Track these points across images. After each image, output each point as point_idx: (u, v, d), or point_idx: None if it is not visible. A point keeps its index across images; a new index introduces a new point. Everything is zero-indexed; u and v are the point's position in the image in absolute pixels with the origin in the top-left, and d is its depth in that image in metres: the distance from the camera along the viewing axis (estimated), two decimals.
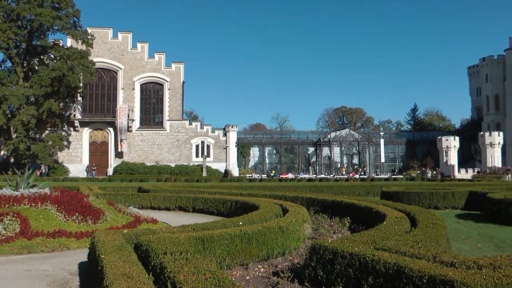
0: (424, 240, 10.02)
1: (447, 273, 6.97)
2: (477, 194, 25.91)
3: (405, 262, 7.60)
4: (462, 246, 14.65)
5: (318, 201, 21.47)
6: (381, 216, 14.36)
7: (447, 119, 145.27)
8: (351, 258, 8.45)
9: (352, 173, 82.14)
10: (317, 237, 14.91)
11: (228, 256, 10.70)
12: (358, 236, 10.20)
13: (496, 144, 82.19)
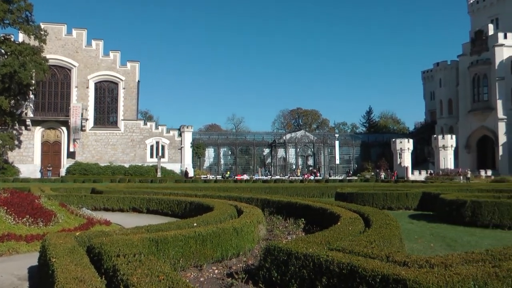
0: (377, 240, 10.12)
1: (400, 272, 7.07)
2: (430, 195, 26.39)
3: (358, 262, 7.66)
4: (415, 245, 14.87)
5: (273, 202, 21.50)
6: (335, 217, 14.43)
7: (401, 122, 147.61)
8: (305, 259, 8.47)
9: (307, 175, 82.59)
10: (272, 238, 14.92)
11: (182, 257, 10.60)
12: (313, 237, 10.23)
13: (449, 146, 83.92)
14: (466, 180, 66.92)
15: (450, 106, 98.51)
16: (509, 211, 19.14)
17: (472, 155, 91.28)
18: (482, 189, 31.86)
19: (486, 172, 80.00)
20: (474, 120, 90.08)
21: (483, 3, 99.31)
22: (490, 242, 15.81)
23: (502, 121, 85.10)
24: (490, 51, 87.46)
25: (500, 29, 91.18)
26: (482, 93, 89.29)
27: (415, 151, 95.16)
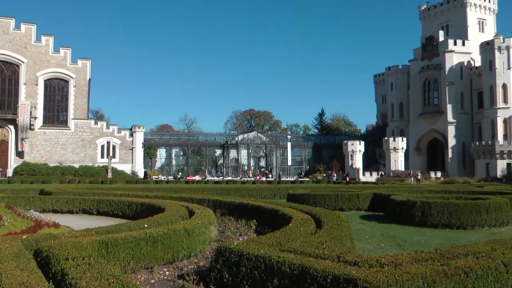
0: (329, 241, 10.16)
1: (351, 272, 7.11)
2: (381, 196, 26.76)
3: (310, 263, 7.67)
4: (365, 245, 15.01)
5: (225, 204, 21.45)
6: (287, 218, 14.46)
7: (353, 124, 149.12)
8: (256, 260, 8.44)
9: (259, 176, 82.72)
10: (223, 240, 14.87)
11: (133, 259, 10.45)
12: (264, 238, 10.21)
13: (399, 149, 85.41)
14: (416, 182, 68.18)
15: (401, 109, 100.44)
16: (458, 212, 19.58)
17: (422, 157, 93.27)
18: (432, 190, 32.59)
19: (436, 173, 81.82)
20: (425, 123, 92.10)
21: (434, 10, 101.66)
22: (439, 241, 16.10)
23: (451, 125, 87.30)
24: (440, 57, 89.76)
25: (450, 35, 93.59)
26: (433, 97, 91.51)
27: (367, 153, 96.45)
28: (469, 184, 55.28)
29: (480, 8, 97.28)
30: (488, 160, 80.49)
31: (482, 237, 15.88)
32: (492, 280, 7.81)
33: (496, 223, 20.05)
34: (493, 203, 20.29)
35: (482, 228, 19.57)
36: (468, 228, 19.45)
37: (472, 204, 20.01)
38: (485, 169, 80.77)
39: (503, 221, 20.35)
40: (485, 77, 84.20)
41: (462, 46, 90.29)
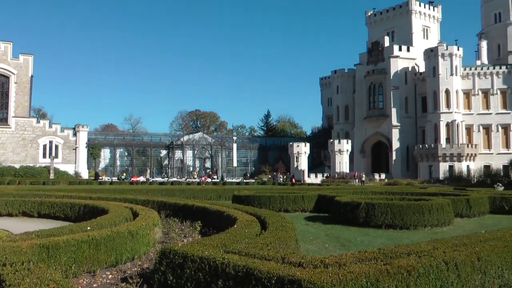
0: (273, 242, 10.15)
1: (295, 273, 7.11)
2: (326, 197, 27.08)
3: (254, 264, 7.63)
4: (310, 246, 15.10)
5: (170, 205, 21.29)
6: (232, 220, 14.42)
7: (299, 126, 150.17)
8: (201, 262, 8.36)
9: (204, 177, 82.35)
10: (168, 241, 14.73)
11: (75, 263, 10.19)
12: (209, 240, 10.13)
13: (344, 151, 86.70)
14: (361, 183, 69.10)
15: (346, 112, 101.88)
16: (401, 212, 19.98)
17: (367, 159, 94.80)
18: (376, 191, 33.13)
19: (380, 175, 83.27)
20: (369, 126, 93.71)
21: (380, 16, 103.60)
22: (383, 241, 16.37)
23: (395, 128, 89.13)
24: (385, 62, 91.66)
25: (396, 41, 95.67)
26: (378, 101, 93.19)
27: (312, 154, 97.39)
28: (413, 186, 56.51)
29: (425, 16, 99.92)
30: (431, 163, 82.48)
31: (425, 237, 16.20)
32: (433, 278, 7.98)
33: (438, 223, 20.57)
34: (436, 204, 20.78)
35: (424, 228, 20.02)
36: (411, 228, 19.86)
37: (415, 205, 20.45)
38: (428, 171, 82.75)
39: (444, 221, 20.92)
40: (429, 82, 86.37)
41: (407, 52, 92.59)
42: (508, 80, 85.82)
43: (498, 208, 28.32)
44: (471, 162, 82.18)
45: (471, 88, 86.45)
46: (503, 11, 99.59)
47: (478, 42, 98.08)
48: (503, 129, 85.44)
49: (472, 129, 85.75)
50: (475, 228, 19.77)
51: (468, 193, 30.31)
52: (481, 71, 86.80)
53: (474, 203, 25.87)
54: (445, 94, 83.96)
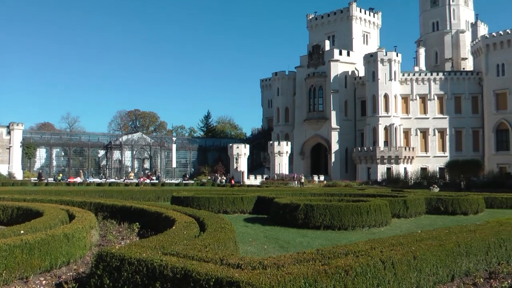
0: (212, 244, 10.12)
1: (234, 274, 7.10)
2: (265, 199, 27.19)
3: (192, 266, 7.57)
4: (249, 248, 15.10)
5: (107, 207, 20.91)
6: (170, 221, 14.31)
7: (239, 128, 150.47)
8: (138, 264, 8.23)
9: (143, 178, 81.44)
10: (105, 244, 14.46)
11: (6, 269, 9.79)
12: (147, 242, 9.98)
13: (284, 153, 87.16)
14: (300, 185, 69.52)
15: (286, 114, 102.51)
16: (339, 213, 20.24)
17: (306, 161, 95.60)
18: (315, 193, 33.47)
19: (319, 177, 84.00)
20: (309, 129, 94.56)
21: (321, 20, 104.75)
22: (321, 242, 16.53)
23: (335, 131, 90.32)
24: (326, 65, 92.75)
25: (336, 45, 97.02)
26: (318, 103, 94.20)
27: (252, 156, 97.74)
28: (351, 188, 57.37)
29: (365, 22, 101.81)
30: (369, 165, 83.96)
31: (362, 237, 16.44)
32: (370, 277, 8.13)
33: (376, 224, 20.93)
34: (373, 205, 21.13)
35: (362, 229, 20.32)
36: (349, 228, 20.14)
37: (353, 206, 20.74)
38: (367, 173, 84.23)
39: (382, 222, 21.30)
40: (368, 86, 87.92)
41: (347, 56, 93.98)
42: (444, 86, 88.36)
43: (434, 209, 29.16)
44: (409, 164, 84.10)
45: (409, 93, 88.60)
46: (440, 20, 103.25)
47: (417, 49, 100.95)
48: (439, 133, 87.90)
49: (410, 132, 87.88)
50: (412, 228, 20.22)
51: (405, 195, 31.01)
52: (419, 77, 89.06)
53: (411, 204, 26.46)
54: (384, 99, 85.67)
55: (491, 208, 33.54)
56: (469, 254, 11.40)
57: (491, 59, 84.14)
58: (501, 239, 12.92)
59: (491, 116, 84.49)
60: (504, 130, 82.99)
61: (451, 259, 10.67)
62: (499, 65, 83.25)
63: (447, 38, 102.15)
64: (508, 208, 33.48)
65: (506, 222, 15.35)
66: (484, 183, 66.82)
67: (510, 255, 13.17)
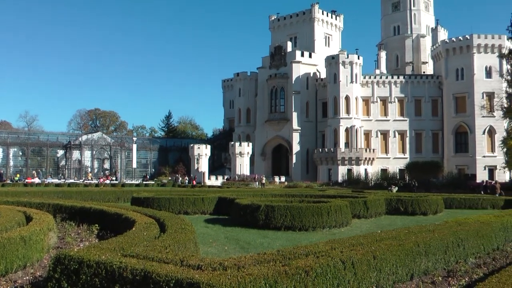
0: (172, 245, 10.06)
1: (194, 275, 7.06)
2: (226, 200, 27.20)
3: (152, 268, 7.50)
4: (209, 249, 15.06)
5: (66, 208, 20.57)
6: (130, 222, 14.16)
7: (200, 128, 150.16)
8: (97, 267, 8.09)
9: (103, 178, 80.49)
10: (63, 247, 14.24)
11: None
12: (106, 244, 9.83)
13: (245, 153, 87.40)
14: (261, 186, 69.78)
15: (248, 115, 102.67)
16: (300, 214, 20.30)
17: (267, 162, 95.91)
18: (276, 194, 33.55)
19: (280, 178, 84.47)
20: (271, 130, 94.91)
21: (284, 22, 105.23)
22: (282, 243, 16.57)
23: (296, 132, 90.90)
24: (288, 67, 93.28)
25: (298, 47, 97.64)
26: (279, 104, 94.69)
27: (213, 157, 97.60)
28: (312, 188, 57.75)
29: (327, 24, 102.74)
30: (330, 166, 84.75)
31: (323, 238, 16.51)
32: (331, 277, 8.20)
33: (337, 224, 21.09)
34: (334, 206, 21.28)
35: (323, 229, 20.44)
36: (310, 229, 20.21)
37: (314, 207, 20.84)
38: (327, 174, 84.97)
39: (342, 222, 21.48)
40: (329, 88, 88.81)
41: (309, 58, 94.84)
42: (405, 89, 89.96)
43: (394, 209, 29.54)
44: (369, 165, 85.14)
45: (370, 96, 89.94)
46: (402, 24, 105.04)
47: (378, 52, 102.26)
48: (399, 135, 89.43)
49: (371, 134, 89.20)
50: (372, 228, 20.40)
51: (366, 195, 31.29)
52: (380, 80, 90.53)
53: (371, 204, 26.75)
54: (345, 101, 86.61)
55: (450, 208, 34.19)
56: (428, 253, 11.58)
57: (450, 64, 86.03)
58: (459, 238, 13.19)
59: (450, 119, 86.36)
60: (463, 133, 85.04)
61: (410, 259, 10.82)
62: (458, 69, 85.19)
63: (408, 42, 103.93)
64: (466, 208, 34.14)
65: (464, 222, 15.63)
66: (443, 184, 68.05)
67: (468, 254, 13.46)
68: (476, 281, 10.36)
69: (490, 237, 15.01)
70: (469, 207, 34.54)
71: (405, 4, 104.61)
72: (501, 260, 13.53)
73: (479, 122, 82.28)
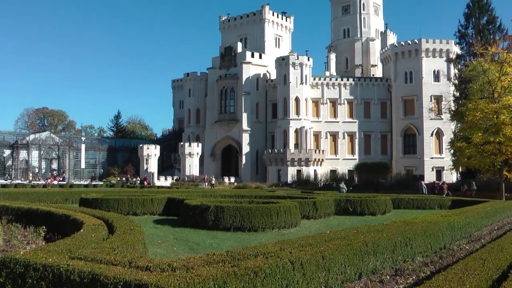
0: (121, 247, 9.99)
1: (142, 277, 7.04)
2: (175, 201, 27.08)
3: (100, 270, 7.44)
4: (158, 250, 14.98)
5: (12, 209, 20.11)
6: (78, 224, 13.97)
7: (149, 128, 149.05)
8: (44, 270, 7.97)
9: (50, 179, 79.03)
10: (9, 250, 13.90)
11: None
12: (53, 246, 9.68)
13: (195, 154, 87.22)
14: (211, 186, 69.66)
15: (198, 115, 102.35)
16: (249, 215, 20.35)
17: (217, 163, 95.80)
18: (225, 195, 33.53)
19: (229, 179, 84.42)
20: (220, 130, 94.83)
21: (234, 22, 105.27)
22: (231, 243, 16.60)
23: (246, 133, 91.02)
24: (238, 67, 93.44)
25: (248, 48, 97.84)
26: (229, 105, 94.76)
27: (162, 157, 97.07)
28: (262, 189, 57.89)
29: (278, 25, 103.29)
30: (280, 167, 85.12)
31: (272, 238, 16.61)
32: (280, 277, 8.27)
33: (286, 225, 21.19)
34: (283, 207, 21.38)
35: (272, 230, 20.51)
36: (259, 230, 20.27)
37: (264, 207, 20.90)
38: (277, 175, 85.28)
39: (292, 223, 21.59)
40: (279, 89, 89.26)
41: (259, 59, 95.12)
42: (354, 92, 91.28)
43: (343, 210, 29.78)
44: (319, 166, 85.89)
45: (320, 97, 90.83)
46: (351, 27, 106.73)
47: (328, 54, 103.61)
48: (349, 136, 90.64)
49: (320, 135, 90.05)
50: (321, 229, 20.57)
51: (315, 196, 31.52)
52: (330, 82, 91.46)
53: (320, 205, 26.94)
54: (295, 102, 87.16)
55: (398, 208, 34.65)
56: (376, 252, 11.76)
57: (399, 67, 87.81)
58: (407, 238, 13.43)
59: (399, 121, 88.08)
60: (411, 135, 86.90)
61: (358, 258, 10.96)
62: (407, 72, 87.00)
63: (358, 45, 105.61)
64: (414, 209, 34.66)
65: (412, 222, 15.93)
66: (391, 184, 69.09)
67: (416, 253, 13.73)
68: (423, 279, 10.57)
69: (437, 237, 15.35)
70: (417, 207, 35.04)
71: (355, 8, 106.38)
72: (447, 259, 13.81)
73: (427, 125, 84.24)
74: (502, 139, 41.96)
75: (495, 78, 44.49)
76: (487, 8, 66.76)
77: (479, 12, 66.48)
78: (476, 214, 21.08)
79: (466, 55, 67.29)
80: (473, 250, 14.59)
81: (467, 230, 18.67)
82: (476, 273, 8.96)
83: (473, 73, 46.94)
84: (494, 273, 9.33)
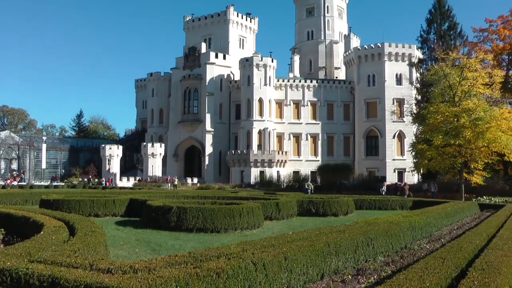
0: (82, 249, 9.87)
1: (104, 279, 6.99)
2: (138, 202, 26.90)
3: (60, 273, 7.34)
4: (120, 252, 14.84)
5: None
6: (38, 226, 13.76)
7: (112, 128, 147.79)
8: (2, 274, 7.83)
9: (9, 180, 77.66)
10: None
11: None
12: (12, 249, 9.51)
13: (157, 154, 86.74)
14: (173, 187, 69.35)
15: (161, 115, 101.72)
16: (212, 216, 20.35)
17: (180, 163, 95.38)
18: (188, 195, 33.48)
19: (192, 179, 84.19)
20: (184, 131, 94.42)
21: (198, 23, 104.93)
22: (194, 244, 16.57)
23: (209, 133, 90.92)
24: (202, 68, 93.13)
25: (213, 48, 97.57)
26: (193, 105, 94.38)
27: (125, 158, 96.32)
28: (225, 190, 57.76)
29: (242, 26, 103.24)
30: (243, 168, 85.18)
31: (235, 239, 16.64)
32: (242, 278, 8.29)
33: (249, 226, 21.23)
34: (246, 208, 21.41)
35: (235, 231, 20.53)
36: (222, 231, 20.29)
37: (226, 208, 20.92)
38: (240, 176, 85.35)
39: (255, 224, 21.63)
40: (243, 90, 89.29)
41: (223, 59, 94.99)
42: (318, 93, 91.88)
43: (305, 211, 29.86)
44: (282, 168, 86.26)
45: (284, 99, 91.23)
46: (315, 30, 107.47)
47: (292, 56, 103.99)
48: (312, 138, 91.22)
49: (283, 137, 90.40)
50: (284, 230, 20.64)
51: (278, 197, 31.65)
52: (294, 83, 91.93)
53: (283, 206, 27.00)
54: (259, 103, 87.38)
55: (361, 209, 34.94)
56: (338, 253, 11.87)
57: (362, 70, 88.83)
58: (369, 238, 13.62)
59: (361, 123, 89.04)
60: (373, 137, 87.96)
61: (321, 259, 11.05)
62: (370, 75, 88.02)
63: (321, 47, 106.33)
64: (376, 209, 35.00)
65: (374, 222, 16.13)
66: (354, 185, 69.87)
67: (377, 252, 13.93)
68: (384, 279, 10.71)
69: (399, 236, 15.59)
70: (379, 208, 35.38)
71: (319, 10, 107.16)
72: (408, 258, 14.06)
73: (389, 127, 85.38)
74: (462, 142, 42.81)
75: (456, 82, 45.29)
76: (448, 14, 68.07)
77: (441, 18, 67.71)
78: (436, 214, 21.49)
79: (428, 60, 68.46)
80: (433, 250, 14.87)
81: (427, 230, 19.03)
82: (436, 271, 9.11)
83: (434, 77, 47.65)
84: (453, 272, 9.49)
